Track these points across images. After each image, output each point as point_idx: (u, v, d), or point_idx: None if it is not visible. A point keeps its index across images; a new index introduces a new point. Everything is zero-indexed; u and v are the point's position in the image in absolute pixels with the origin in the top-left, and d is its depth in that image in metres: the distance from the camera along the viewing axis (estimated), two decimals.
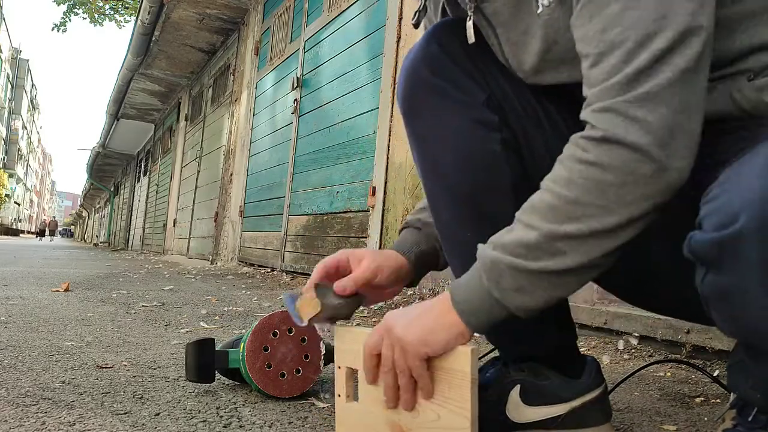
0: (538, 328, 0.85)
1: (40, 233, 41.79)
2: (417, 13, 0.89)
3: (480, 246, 0.67)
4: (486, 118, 0.80)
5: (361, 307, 0.88)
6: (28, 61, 56.19)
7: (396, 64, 3.11)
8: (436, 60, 0.81)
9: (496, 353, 0.93)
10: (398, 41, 3.11)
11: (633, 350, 1.56)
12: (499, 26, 0.79)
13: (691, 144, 0.59)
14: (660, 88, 0.57)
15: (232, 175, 6.09)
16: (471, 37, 0.79)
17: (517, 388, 0.83)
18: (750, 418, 0.65)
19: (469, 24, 0.79)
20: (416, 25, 0.90)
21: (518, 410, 0.83)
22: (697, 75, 0.59)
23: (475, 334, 0.73)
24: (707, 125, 0.62)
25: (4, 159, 50.50)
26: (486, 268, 0.65)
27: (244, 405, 1.02)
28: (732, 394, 0.71)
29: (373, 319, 2.20)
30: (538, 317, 0.88)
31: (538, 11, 0.72)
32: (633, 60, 0.58)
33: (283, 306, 2.59)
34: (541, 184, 0.65)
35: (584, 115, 0.62)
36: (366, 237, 3.20)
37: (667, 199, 0.60)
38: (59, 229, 30.50)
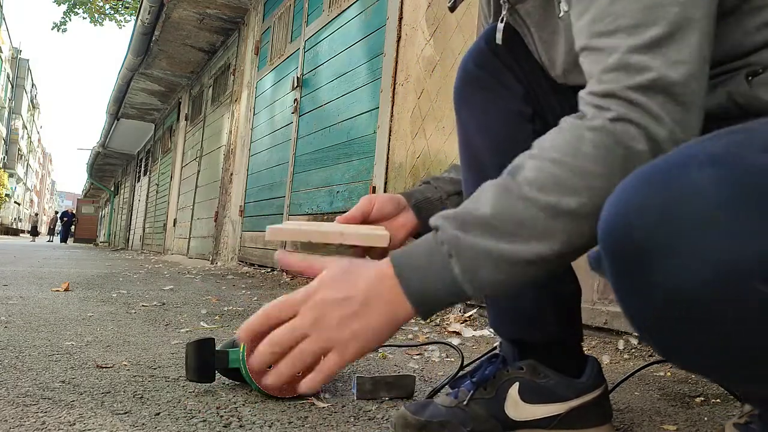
0: (534, 315, 0.87)
1: (33, 231, 34.99)
2: None
3: (454, 234, 0.57)
4: (522, 109, 0.87)
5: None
6: (28, 61, 56.10)
7: (396, 64, 3.10)
8: (482, 55, 0.90)
9: (495, 351, 0.94)
10: (398, 41, 3.11)
11: (633, 350, 1.56)
12: (532, 26, 0.83)
13: (692, 134, 0.57)
14: (657, 77, 0.56)
15: (232, 174, 6.09)
16: (499, 39, 0.86)
17: (516, 385, 0.84)
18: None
19: (500, 26, 0.85)
20: (452, 9, 0.94)
21: (517, 408, 0.83)
22: (695, 65, 0.57)
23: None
24: (711, 123, 0.59)
25: (4, 159, 50.48)
26: (458, 256, 0.56)
27: (244, 405, 1.02)
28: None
29: None
30: (539, 304, 0.88)
31: (560, 15, 0.75)
32: (626, 48, 0.57)
33: None
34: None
35: (584, 94, 0.60)
36: None
37: None
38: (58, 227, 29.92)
